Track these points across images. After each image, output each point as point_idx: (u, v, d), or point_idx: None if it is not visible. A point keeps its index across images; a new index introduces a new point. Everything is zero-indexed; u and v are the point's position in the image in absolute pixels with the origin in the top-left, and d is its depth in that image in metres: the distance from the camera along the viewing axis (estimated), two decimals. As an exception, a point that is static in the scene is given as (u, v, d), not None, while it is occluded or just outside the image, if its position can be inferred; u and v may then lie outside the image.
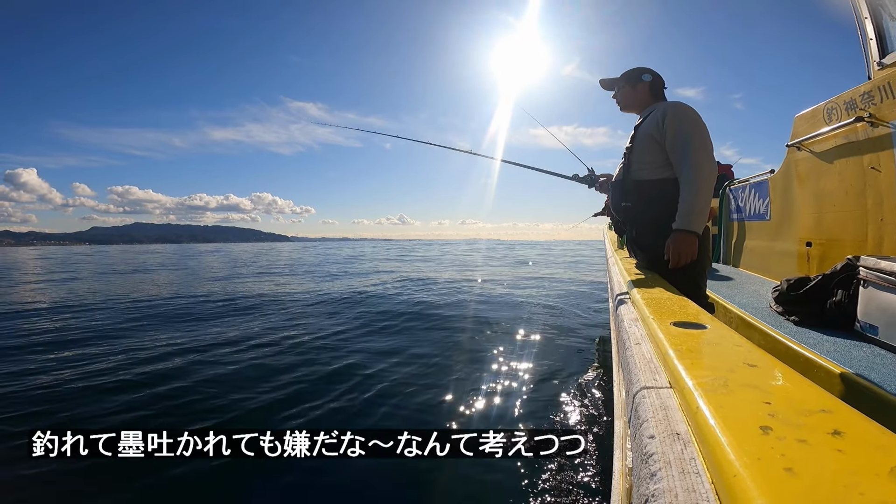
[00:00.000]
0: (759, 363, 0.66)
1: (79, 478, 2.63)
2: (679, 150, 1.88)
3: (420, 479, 2.69)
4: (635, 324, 1.10)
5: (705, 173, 1.82)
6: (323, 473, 2.73)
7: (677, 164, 1.90)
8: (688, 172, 1.83)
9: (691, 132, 1.86)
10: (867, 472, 0.36)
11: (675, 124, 1.89)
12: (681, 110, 1.91)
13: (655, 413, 0.58)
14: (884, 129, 2.29)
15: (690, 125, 1.88)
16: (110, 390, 4.06)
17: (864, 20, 2.54)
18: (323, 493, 2.61)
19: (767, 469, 0.37)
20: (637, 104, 2.17)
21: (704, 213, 1.84)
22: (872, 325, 1.73)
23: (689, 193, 1.82)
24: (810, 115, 2.93)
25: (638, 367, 0.78)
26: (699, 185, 1.81)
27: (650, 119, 2.00)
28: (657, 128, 1.94)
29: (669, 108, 1.94)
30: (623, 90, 2.19)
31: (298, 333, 6.22)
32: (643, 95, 2.15)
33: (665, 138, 1.92)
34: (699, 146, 1.84)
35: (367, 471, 2.75)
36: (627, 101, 2.20)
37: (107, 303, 9.43)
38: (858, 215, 2.52)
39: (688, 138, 1.85)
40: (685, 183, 1.84)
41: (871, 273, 1.71)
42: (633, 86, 2.16)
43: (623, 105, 2.22)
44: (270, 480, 2.69)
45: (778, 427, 0.44)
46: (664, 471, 0.45)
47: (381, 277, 14.61)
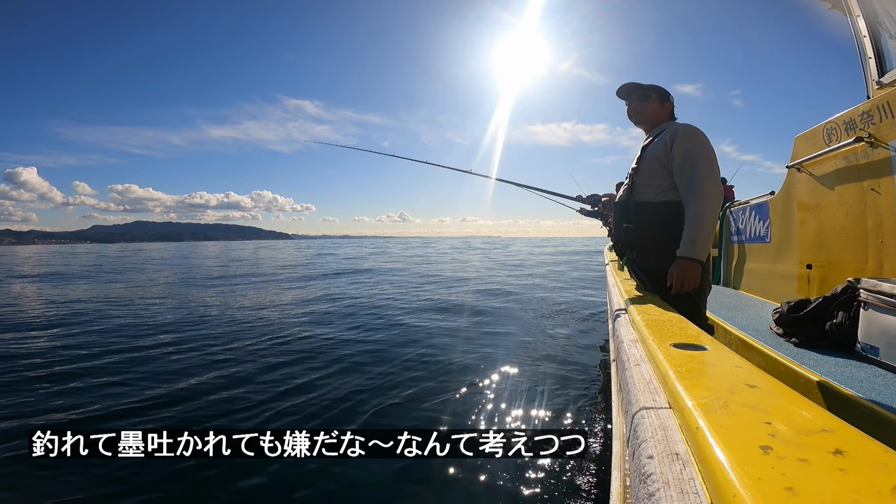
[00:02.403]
0: (760, 384, 0.65)
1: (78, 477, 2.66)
2: (686, 174, 1.86)
3: (420, 480, 2.69)
4: (635, 345, 1.09)
5: (711, 201, 1.80)
6: (323, 473, 2.72)
7: (683, 188, 1.88)
8: (694, 199, 1.81)
9: (699, 157, 1.85)
10: (869, 490, 0.35)
11: (684, 148, 1.87)
12: (690, 133, 1.90)
13: (654, 433, 0.57)
14: (883, 151, 2.28)
15: (699, 149, 1.86)
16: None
17: (862, 39, 2.55)
18: (323, 493, 2.60)
19: (768, 489, 0.36)
20: (654, 120, 2.13)
21: (709, 241, 1.82)
22: (873, 347, 1.71)
23: (695, 221, 1.80)
24: (810, 136, 2.94)
25: (637, 388, 0.77)
26: (705, 213, 1.79)
27: (658, 140, 1.99)
28: (664, 150, 1.93)
29: (679, 131, 1.92)
30: (652, 104, 2.11)
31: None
32: (665, 114, 2.12)
33: (672, 161, 1.91)
34: (706, 173, 1.82)
35: (368, 470, 2.75)
36: (651, 116, 2.13)
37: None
38: (858, 237, 2.52)
39: (695, 163, 1.84)
40: (691, 209, 1.82)
41: (871, 295, 1.71)
42: (662, 102, 2.12)
43: (642, 119, 2.16)
44: (270, 480, 2.68)
45: (778, 447, 0.43)
46: (663, 491, 0.44)
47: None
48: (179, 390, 4.18)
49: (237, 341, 6.21)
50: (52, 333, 6.85)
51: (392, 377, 4.64)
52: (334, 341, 6.20)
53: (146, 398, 3.97)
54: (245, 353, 5.56)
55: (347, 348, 5.80)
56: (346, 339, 6.37)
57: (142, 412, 3.70)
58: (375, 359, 5.32)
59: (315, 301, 10.32)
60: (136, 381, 4.44)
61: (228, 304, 10.01)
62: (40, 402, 3.92)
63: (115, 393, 4.12)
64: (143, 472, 2.70)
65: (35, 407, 3.81)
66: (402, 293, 11.49)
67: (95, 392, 4.14)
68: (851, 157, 2.54)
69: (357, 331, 6.93)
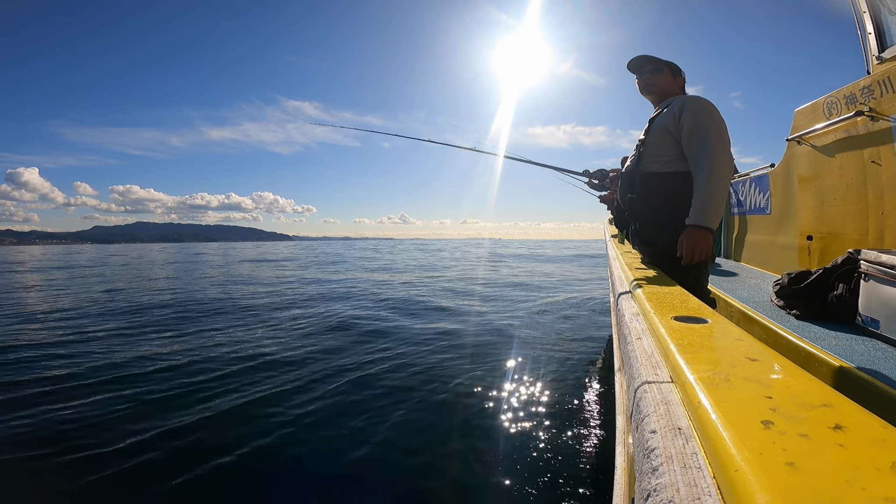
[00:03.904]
0: (761, 357, 0.66)
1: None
2: (696, 144, 1.83)
3: (421, 473, 2.72)
4: (636, 318, 1.10)
5: (722, 168, 1.77)
6: (323, 473, 2.76)
7: (693, 158, 1.85)
8: (704, 167, 1.78)
9: (709, 126, 1.81)
10: (869, 466, 0.36)
11: (693, 117, 1.84)
12: (699, 104, 1.87)
13: (657, 408, 0.58)
14: (884, 124, 2.28)
15: (709, 119, 1.83)
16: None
17: (862, 14, 2.52)
18: (323, 493, 2.63)
19: (769, 464, 0.37)
20: (664, 93, 2.11)
21: (720, 209, 1.79)
22: (874, 319, 1.73)
23: (706, 188, 1.76)
24: (810, 110, 2.92)
25: (639, 362, 0.77)
26: (716, 181, 1.76)
27: (667, 112, 1.96)
28: (673, 121, 1.90)
29: (688, 102, 1.89)
30: (664, 76, 2.11)
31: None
32: (676, 87, 2.11)
33: (681, 131, 1.88)
34: (717, 141, 1.79)
35: (367, 470, 2.78)
36: (662, 87, 2.12)
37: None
38: (859, 209, 2.52)
39: (705, 132, 1.81)
40: (701, 177, 1.78)
41: (872, 267, 1.71)
42: (674, 76, 2.11)
43: (649, 89, 2.14)
44: (270, 480, 2.71)
45: (779, 421, 0.44)
46: (666, 465, 0.45)
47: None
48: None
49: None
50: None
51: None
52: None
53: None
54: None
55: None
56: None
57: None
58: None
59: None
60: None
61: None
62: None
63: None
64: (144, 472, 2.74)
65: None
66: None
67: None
68: (852, 129, 2.53)
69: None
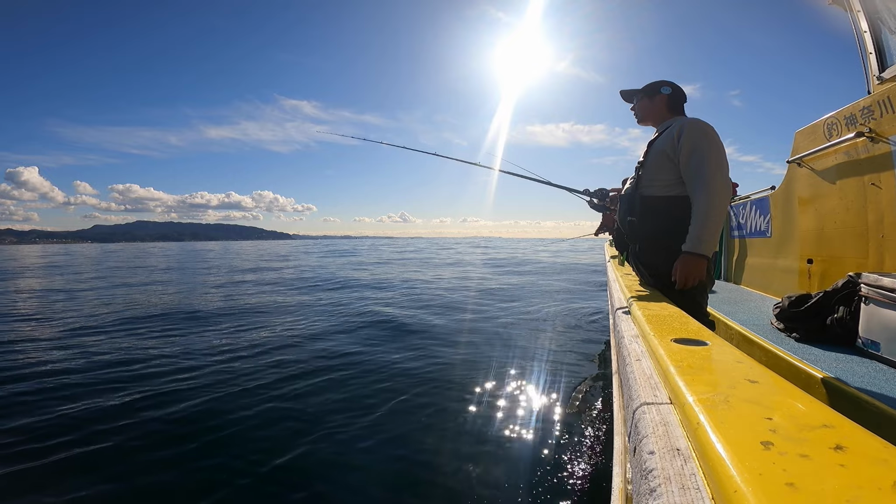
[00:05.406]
0: (761, 379, 0.65)
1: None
2: (693, 169, 1.82)
3: (420, 481, 2.70)
4: (636, 340, 1.09)
5: (719, 196, 1.76)
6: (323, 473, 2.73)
7: (690, 183, 1.85)
8: (701, 194, 1.77)
9: (707, 152, 1.81)
10: (870, 486, 0.35)
11: (691, 142, 1.84)
12: (697, 127, 1.87)
13: (656, 429, 0.57)
14: (884, 146, 2.28)
15: (707, 144, 1.82)
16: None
17: (863, 34, 2.54)
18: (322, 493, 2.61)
19: (769, 484, 0.36)
20: (654, 117, 2.13)
21: (715, 237, 1.79)
22: (874, 342, 1.72)
23: (701, 216, 1.76)
24: (810, 131, 2.93)
25: (638, 383, 0.77)
26: (712, 208, 1.75)
27: (665, 135, 1.97)
28: (671, 144, 1.90)
29: (686, 125, 1.89)
30: (641, 102, 2.15)
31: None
32: (660, 108, 2.11)
33: (679, 156, 1.88)
34: (714, 167, 1.78)
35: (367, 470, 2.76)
36: (644, 113, 2.15)
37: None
38: (859, 232, 2.52)
39: (703, 157, 1.80)
40: (698, 204, 1.78)
41: (872, 290, 1.71)
42: (650, 98, 2.12)
43: (640, 117, 2.18)
44: (270, 480, 2.68)
45: (779, 442, 0.43)
46: (664, 486, 0.44)
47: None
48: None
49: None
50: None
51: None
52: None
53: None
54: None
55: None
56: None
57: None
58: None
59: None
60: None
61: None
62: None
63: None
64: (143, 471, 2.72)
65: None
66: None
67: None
68: (852, 151, 2.53)
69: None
